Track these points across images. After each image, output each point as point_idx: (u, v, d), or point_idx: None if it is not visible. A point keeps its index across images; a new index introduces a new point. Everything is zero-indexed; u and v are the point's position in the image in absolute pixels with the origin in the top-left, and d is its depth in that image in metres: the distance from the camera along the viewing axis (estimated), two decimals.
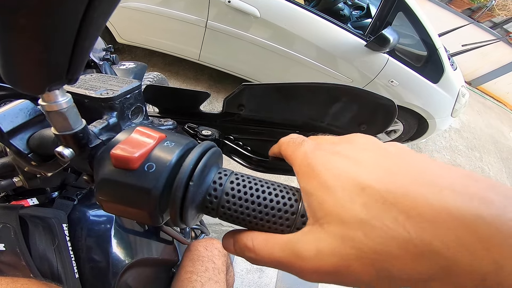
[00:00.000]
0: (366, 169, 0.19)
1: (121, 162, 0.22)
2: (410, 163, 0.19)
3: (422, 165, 0.19)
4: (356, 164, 0.20)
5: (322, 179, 0.20)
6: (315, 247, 0.19)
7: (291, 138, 0.28)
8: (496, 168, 3.75)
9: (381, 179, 0.18)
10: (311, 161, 0.22)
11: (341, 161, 0.21)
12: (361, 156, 0.21)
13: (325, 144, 0.24)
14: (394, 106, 0.39)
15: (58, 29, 0.15)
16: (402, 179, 0.18)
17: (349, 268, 0.17)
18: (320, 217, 0.19)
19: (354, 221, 0.17)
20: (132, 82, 0.33)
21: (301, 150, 0.24)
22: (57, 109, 0.22)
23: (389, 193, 0.17)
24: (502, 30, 5.60)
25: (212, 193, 0.25)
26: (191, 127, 0.42)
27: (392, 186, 0.17)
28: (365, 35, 2.23)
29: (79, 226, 0.51)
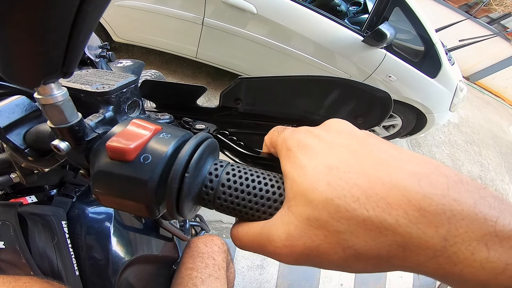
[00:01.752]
0: (336, 151, 0.20)
1: (117, 153, 0.22)
2: (374, 147, 0.20)
3: (382, 149, 0.20)
4: (328, 146, 0.21)
5: (297, 159, 0.21)
6: (285, 231, 0.19)
7: (274, 129, 0.29)
8: (495, 162, 3.76)
9: (347, 161, 0.19)
10: (288, 143, 0.24)
11: (315, 143, 0.22)
12: (333, 139, 0.22)
13: (302, 128, 0.25)
14: (390, 98, 0.39)
15: (52, 23, 0.15)
16: (365, 161, 0.19)
17: (319, 248, 0.18)
18: (290, 199, 0.20)
19: (319, 200, 0.18)
20: (129, 76, 0.33)
21: (282, 136, 0.26)
22: (53, 102, 0.22)
23: (352, 174, 0.18)
24: (499, 26, 5.59)
25: (208, 184, 0.25)
26: (186, 121, 0.42)
27: (356, 167, 0.18)
28: (362, 30, 2.23)
29: (78, 223, 0.51)
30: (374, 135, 0.22)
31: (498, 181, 3.42)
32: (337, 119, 0.25)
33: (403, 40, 2.38)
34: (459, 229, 0.15)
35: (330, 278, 1.84)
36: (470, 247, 0.15)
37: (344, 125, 0.24)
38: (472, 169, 3.45)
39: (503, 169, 3.72)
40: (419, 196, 0.16)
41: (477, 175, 3.37)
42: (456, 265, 0.15)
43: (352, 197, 0.17)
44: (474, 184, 0.16)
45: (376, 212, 0.16)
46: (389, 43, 2.15)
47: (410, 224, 0.16)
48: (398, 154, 0.19)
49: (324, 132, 0.23)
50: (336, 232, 0.17)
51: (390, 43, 2.17)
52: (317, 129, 0.24)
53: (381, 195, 0.17)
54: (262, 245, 0.22)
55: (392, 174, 0.17)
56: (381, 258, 0.17)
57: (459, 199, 0.15)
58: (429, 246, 0.15)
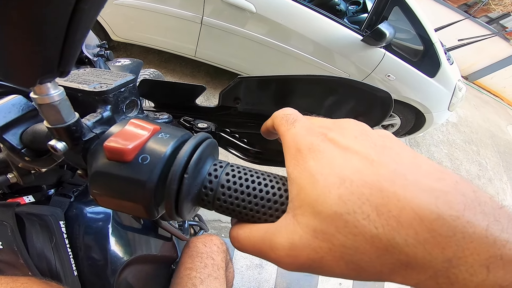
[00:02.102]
0: (350, 160, 0.19)
1: (114, 154, 0.22)
2: (391, 157, 0.19)
3: (400, 158, 0.19)
4: (342, 153, 0.20)
5: (307, 165, 0.20)
6: (289, 240, 0.19)
7: (285, 114, 0.27)
8: (494, 162, 3.77)
9: (361, 172, 0.18)
10: (300, 145, 0.22)
11: (329, 149, 0.20)
12: (350, 144, 0.20)
13: (317, 129, 0.23)
14: (391, 98, 0.39)
15: (48, 21, 0.15)
16: (380, 174, 0.18)
17: (322, 260, 0.18)
18: (296, 207, 0.20)
19: (327, 213, 0.17)
20: (127, 76, 0.33)
21: (292, 132, 0.24)
22: (49, 102, 0.21)
23: (365, 188, 0.17)
24: (498, 25, 5.60)
25: (208, 185, 0.24)
26: (187, 120, 0.42)
27: (369, 181, 0.17)
28: (362, 29, 2.23)
29: (77, 223, 0.51)
30: (392, 139, 0.21)
31: (496, 181, 3.42)
32: (354, 121, 0.24)
33: (402, 40, 2.38)
34: (465, 251, 0.15)
35: (329, 278, 1.84)
36: (471, 269, 0.14)
37: (361, 128, 0.22)
38: (471, 168, 3.45)
39: (501, 168, 3.72)
40: (433, 217, 0.15)
41: (475, 175, 3.38)
42: (453, 284, 0.15)
43: (363, 214, 0.16)
44: (491, 204, 0.16)
45: (385, 230, 0.16)
46: (388, 42, 2.15)
47: (418, 245, 0.15)
48: (416, 165, 0.18)
49: (340, 136, 0.21)
50: (341, 246, 0.17)
51: (389, 42, 2.17)
52: (332, 132, 0.22)
53: (393, 213, 0.16)
54: (264, 251, 0.21)
55: (408, 189, 0.16)
56: (382, 274, 0.17)
57: (473, 221, 0.15)
58: (432, 266, 0.15)
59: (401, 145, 0.20)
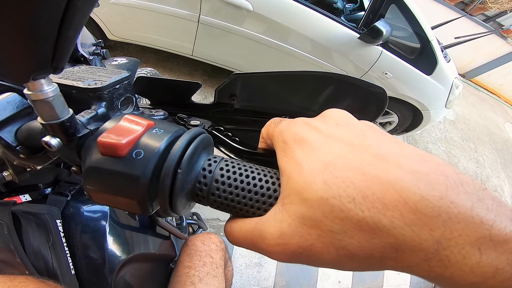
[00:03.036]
0: (334, 146, 0.20)
1: (108, 149, 0.22)
2: (373, 141, 0.19)
3: (382, 143, 0.19)
4: (326, 139, 0.20)
5: (293, 154, 0.21)
6: (278, 229, 0.19)
7: (271, 121, 0.28)
8: (491, 159, 3.79)
9: (344, 157, 0.18)
10: (285, 137, 0.23)
11: (313, 136, 0.21)
12: (332, 131, 0.21)
13: (300, 120, 0.24)
14: (385, 93, 0.39)
15: (41, 17, 0.15)
16: (363, 158, 0.18)
17: (312, 248, 0.18)
18: (285, 196, 0.20)
19: (314, 199, 0.17)
20: (122, 72, 0.33)
21: (278, 128, 0.25)
22: (43, 98, 0.21)
23: (349, 172, 0.17)
24: (495, 23, 5.61)
25: (202, 180, 0.24)
26: (181, 118, 0.42)
27: (353, 165, 0.18)
28: (359, 27, 2.23)
29: (74, 222, 0.51)
30: (374, 126, 0.22)
31: (493, 178, 3.44)
32: (336, 109, 0.24)
33: (399, 37, 2.38)
34: (453, 232, 0.15)
35: (328, 275, 1.85)
36: (463, 250, 0.15)
37: (343, 115, 0.23)
38: (468, 165, 3.47)
39: (498, 165, 3.74)
40: (417, 198, 0.15)
41: (473, 172, 3.39)
42: (447, 268, 0.15)
43: (348, 197, 0.17)
44: (474, 185, 0.16)
45: (371, 213, 0.16)
46: (385, 40, 2.15)
47: (405, 226, 0.15)
48: (398, 149, 0.18)
49: (322, 124, 0.22)
50: (329, 232, 0.17)
51: (386, 40, 2.17)
52: (315, 121, 0.23)
53: (377, 195, 0.16)
54: (255, 242, 0.21)
55: (391, 172, 0.17)
56: (374, 259, 0.17)
57: (456, 202, 0.15)
58: (422, 248, 0.15)
59: (382, 132, 0.21)
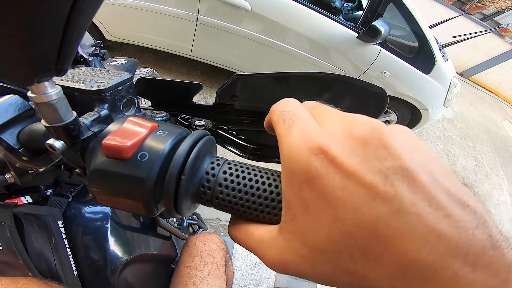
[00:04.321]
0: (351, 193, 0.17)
1: (113, 151, 0.22)
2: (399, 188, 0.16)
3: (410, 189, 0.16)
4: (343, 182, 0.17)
5: (302, 195, 0.18)
6: (279, 257, 0.21)
7: (282, 112, 0.23)
8: (490, 157, 3.79)
9: (358, 211, 0.16)
10: (295, 167, 0.19)
11: (328, 177, 0.17)
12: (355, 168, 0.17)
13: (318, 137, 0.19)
14: (385, 94, 0.39)
15: (46, 19, 0.15)
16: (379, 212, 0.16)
17: (306, 275, 0.20)
18: (288, 231, 0.20)
19: (315, 247, 0.18)
20: (123, 74, 0.33)
21: (288, 141, 0.20)
22: (47, 100, 0.21)
23: (357, 229, 0.16)
24: (492, 22, 5.62)
25: (206, 184, 0.25)
26: (184, 118, 0.42)
27: (364, 220, 0.16)
28: (357, 27, 2.23)
29: (75, 223, 0.51)
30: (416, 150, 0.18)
31: (492, 176, 3.45)
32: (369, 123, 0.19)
33: (397, 37, 2.38)
34: None
35: None
36: None
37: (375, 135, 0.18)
38: (467, 164, 3.48)
39: (497, 163, 3.75)
40: (412, 263, 0.15)
41: (472, 170, 3.40)
42: None
43: (347, 254, 0.17)
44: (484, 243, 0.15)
45: (363, 268, 0.17)
46: (384, 39, 2.16)
47: (386, 281, 0.16)
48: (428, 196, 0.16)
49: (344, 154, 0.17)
50: (322, 272, 0.19)
51: (384, 39, 2.17)
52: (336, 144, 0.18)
53: (376, 255, 0.16)
54: (258, 256, 0.23)
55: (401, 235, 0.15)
56: None
57: (447, 265, 0.14)
58: None
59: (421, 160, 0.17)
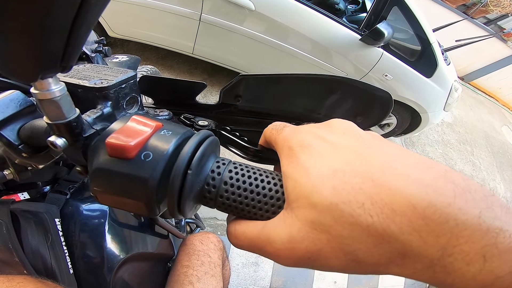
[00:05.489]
0: (340, 153, 0.20)
1: (116, 151, 0.22)
2: (379, 150, 0.20)
3: (388, 152, 0.19)
4: (332, 147, 0.21)
5: (299, 160, 0.21)
6: (287, 234, 0.19)
7: (274, 125, 0.28)
8: (487, 162, 3.81)
9: (353, 164, 0.19)
10: (290, 143, 0.23)
11: (319, 144, 0.21)
12: (338, 140, 0.21)
13: (305, 128, 0.24)
14: (391, 98, 0.39)
15: (54, 15, 0.14)
16: (371, 165, 0.18)
17: (320, 252, 0.18)
18: (292, 201, 0.20)
19: (323, 204, 0.18)
20: (127, 72, 0.33)
21: (282, 134, 0.25)
22: (50, 97, 0.21)
23: (358, 178, 0.18)
24: (496, 27, 5.63)
25: (211, 182, 0.24)
26: (187, 118, 0.41)
27: (361, 171, 0.18)
28: (360, 29, 2.23)
29: (72, 220, 0.50)
30: (380, 137, 0.22)
31: (489, 180, 3.46)
32: (341, 120, 0.24)
33: (400, 39, 2.39)
34: (459, 239, 0.15)
35: (324, 275, 1.85)
36: (467, 257, 0.14)
37: (348, 126, 0.23)
38: (464, 168, 3.49)
39: (494, 168, 3.76)
40: (425, 204, 0.15)
41: (469, 174, 3.41)
42: (450, 274, 0.15)
43: (357, 203, 0.17)
44: (482, 192, 0.16)
45: (380, 219, 0.16)
46: (386, 42, 2.16)
47: (413, 232, 0.15)
48: (404, 158, 0.19)
49: (328, 133, 0.22)
50: (339, 237, 0.17)
51: (387, 42, 2.17)
52: (321, 130, 0.23)
53: (386, 200, 0.16)
54: (261, 246, 0.21)
55: (399, 179, 0.17)
56: (380, 265, 0.17)
57: (464, 208, 0.15)
58: (428, 255, 0.15)
59: (388, 141, 0.21)
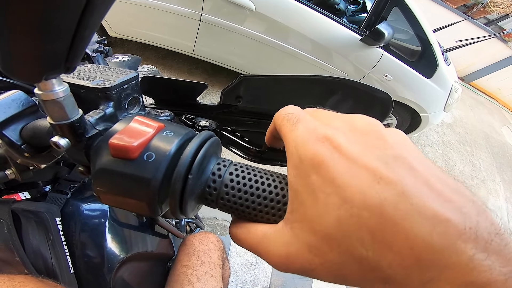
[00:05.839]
0: (356, 176, 0.18)
1: (119, 151, 0.22)
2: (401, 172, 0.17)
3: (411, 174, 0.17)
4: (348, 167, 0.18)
5: (309, 180, 0.19)
6: (285, 251, 0.20)
7: (286, 113, 0.24)
8: (487, 162, 3.81)
9: (364, 193, 0.17)
10: (302, 155, 0.20)
11: (334, 161, 0.18)
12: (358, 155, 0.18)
13: (322, 130, 0.21)
14: (390, 99, 0.39)
15: (59, 17, 0.14)
16: (384, 194, 0.16)
17: (313, 271, 0.19)
18: (294, 220, 0.20)
19: (324, 233, 0.18)
20: (129, 72, 0.33)
21: (295, 135, 0.22)
22: (54, 98, 0.21)
23: (366, 212, 0.17)
24: (497, 27, 5.63)
25: (212, 185, 0.25)
26: (189, 118, 0.42)
27: (371, 203, 0.17)
28: (360, 29, 2.23)
29: (73, 220, 0.51)
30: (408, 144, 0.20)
31: (489, 181, 3.46)
32: (367, 119, 0.21)
33: (400, 40, 2.39)
34: (441, 275, 0.15)
35: None
36: None
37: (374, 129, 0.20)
38: (464, 169, 3.49)
39: (494, 169, 3.76)
40: (424, 246, 0.15)
41: (469, 175, 3.41)
42: None
43: (358, 238, 0.17)
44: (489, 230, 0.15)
45: (374, 254, 0.16)
46: (387, 42, 2.16)
47: (400, 269, 0.16)
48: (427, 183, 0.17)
49: (347, 142, 0.19)
50: (332, 263, 0.18)
51: (387, 42, 2.17)
52: (339, 135, 0.20)
53: (387, 240, 0.16)
54: (260, 253, 0.22)
55: (409, 216, 0.16)
56: (365, 285, 0.18)
57: (461, 250, 0.15)
58: (409, 284, 0.16)
59: (416, 154, 0.19)
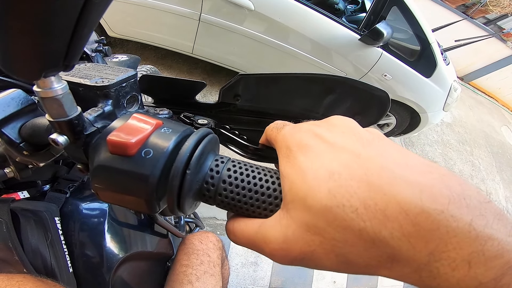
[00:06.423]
0: (338, 154, 0.19)
1: (118, 148, 0.22)
2: (378, 151, 0.19)
3: (387, 153, 0.19)
4: (330, 147, 0.20)
5: (296, 161, 0.21)
6: (283, 235, 0.20)
7: (275, 123, 0.28)
8: (487, 162, 3.81)
9: (349, 166, 0.18)
10: (288, 143, 0.23)
11: (317, 144, 0.21)
12: (336, 139, 0.21)
13: (304, 126, 0.24)
14: (388, 97, 0.40)
15: (58, 14, 0.15)
16: (367, 167, 0.18)
17: (313, 253, 0.19)
18: (288, 202, 0.20)
19: (318, 207, 0.18)
20: (128, 71, 0.33)
21: (281, 133, 0.25)
22: (53, 95, 0.21)
23: (353, 181, 0.17)
24: (496, 27, 5.63)
25: (209, 181, 0.25)
26: (187, 116, 0.42)
27: (357, 174, 0.18)
28: (359, 29, 2.24)
29: (72, 219, 0.51)
30: (380, 135, 0.22)
31: (488, 181, 3.47)
32: (341, 117, 0.24)
33: (399, 39, 2.39)
34: (448, 245, 0.15)
35: (323, 275, 1.86)
36: (453, 263, 0.15)
37: (348, 124, 0.23)
38: (464, 168, 3.49)
39: (494, 168, 3.77)
40: (417, 210, 0.15)
41: (469, 175, 3.41)
42: (435, 279, 0.15)
43: (351, 207, 0.17)
44: (478, 198, 0.16)
45: (372, 224, 0.16)
46: (386, 42, 2.17)
47: (403, 238, 0.16)
48: (403, 159, 0.18)
49: (327, 132, 0.22)
50: (331, 239, 0.18)
51: (386, 42, 2.18)
52: (319, 128, 0.23)
53: (380, 206, 0.16)
54: (258, 244, 0.22)
55: (395, 183, 0.17)
56: (370, 267, 0.17)
57: (456, 216, 0.15)
58: (415, 259, 0.16)
59: (388, 141, 0.21)
